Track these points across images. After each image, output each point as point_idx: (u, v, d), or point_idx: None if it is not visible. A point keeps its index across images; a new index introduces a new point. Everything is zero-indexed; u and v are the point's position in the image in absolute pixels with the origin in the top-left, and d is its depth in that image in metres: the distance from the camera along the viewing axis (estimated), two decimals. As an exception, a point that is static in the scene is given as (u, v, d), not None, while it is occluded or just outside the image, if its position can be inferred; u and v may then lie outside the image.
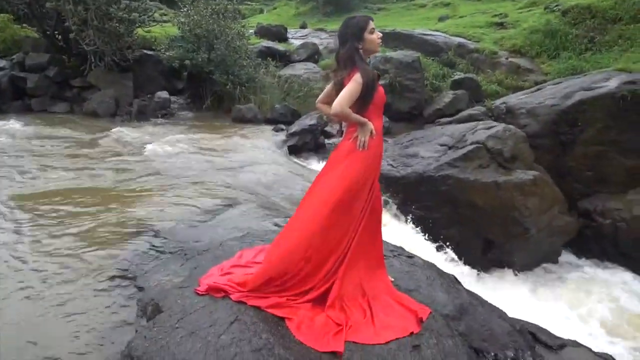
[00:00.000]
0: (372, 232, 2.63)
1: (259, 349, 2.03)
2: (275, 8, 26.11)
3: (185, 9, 10.41)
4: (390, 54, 10.39)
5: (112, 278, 2.76)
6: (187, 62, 10.09)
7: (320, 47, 13.21)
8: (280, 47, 12.98)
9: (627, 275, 5.84)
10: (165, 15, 13.79)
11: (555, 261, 6.22)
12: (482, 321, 3.06)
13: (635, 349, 4.55)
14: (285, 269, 2.40)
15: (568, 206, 6.54)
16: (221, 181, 5.10)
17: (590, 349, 3.33)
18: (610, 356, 3.26)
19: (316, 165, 7.17)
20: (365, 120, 2.43)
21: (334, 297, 2.42)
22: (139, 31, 10.46)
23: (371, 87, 2.39)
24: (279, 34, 14.55)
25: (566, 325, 4.64)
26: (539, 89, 8.01)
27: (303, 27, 17.40)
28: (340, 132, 7.00)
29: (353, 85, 2.34)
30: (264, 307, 2.32)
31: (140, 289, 2.65)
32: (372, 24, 2.46)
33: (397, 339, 2.31)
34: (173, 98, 10.28)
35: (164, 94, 9.88)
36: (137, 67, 10.22)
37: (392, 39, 12.22)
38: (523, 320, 3.46)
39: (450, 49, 11.52)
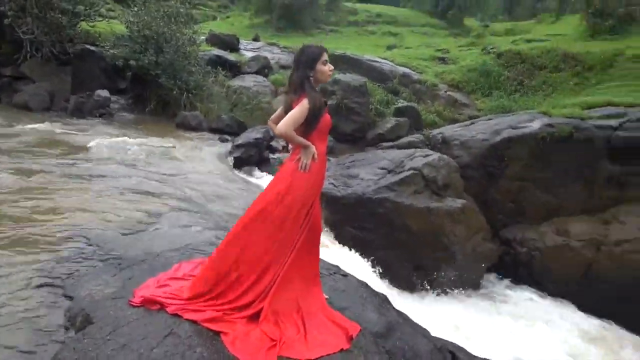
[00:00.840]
0: (310, 250, 2.73)
1: (192, 363, 2.05)
2: (228, 17, 25.99)
3: (135, 9, 10.13)
4: (339, 76, 10.74)
5: (39, 287, 2.64)
6: (132, 62, 9.80)
7: (272, 62, 13.34)
8: (232, 57, 12.96)
9: (536, 296, 6.42)
10: (112, 11, 13.30)
11: (477, 284, 6.67)
12: (407, 340, 3.25)
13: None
14: (215, 278, 2.47)
15: (492, 234, 7.08)
16: (161, 189, 4.99)
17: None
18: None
19: (259, 179, 7.22)
20: (308, 143, 2.54)
21: (267, 312, 2.49)
22: (83, 25, 10.03)
23: (317, 113, 2.53)
24: (231, 44, 14.52)
25: (484, 343, 5.00)
26: (472, 123, 8.62)
27: (256, 39, 17.47)
28: (286, 148, 7.29)
29: (299, 109, 2.47)
30: (199, 321, 2.34)
31: (69, 298, 2.55)
32: (325, 56, 2.61)
33: (328, 354, 2.42)
34: (114, 97, 9.90)
35: (104, 93, 9.50)
36: (77, 62, 9.77)
37: (342, 62, 12.64)
38: (444, 339, 3.70)
39: (395, 78, 12.11)
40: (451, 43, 17.35)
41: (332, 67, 2.64)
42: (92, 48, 10.12)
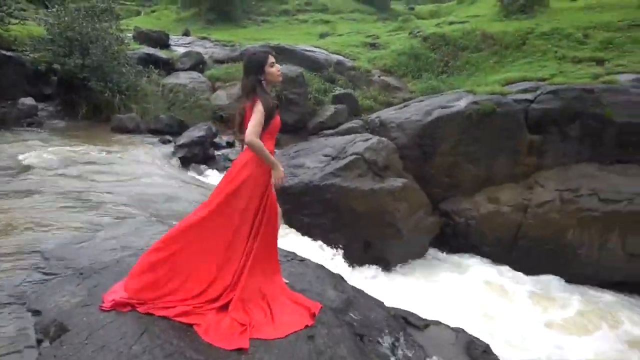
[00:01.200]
0: (269, 242, 2.92)
1: (171, 354, 2.20)
2: (153, 11, 24.95)
3: (54, 9, 9.58)
4: (276, 68, 10.83)
5: (1, 305, 2.63)
6: (56, 66, 9.30)
7: (206, 56, 13.12)
8: (163, 54, 12.60)
9: (474, 260, 7.06)
10: (24, 10, 12.41)
11: (422, 255, 7.20)
12: (364, 311, 3.57)
13: (486, 316, 5.57)
14: (174, 274, 2.60)
15: (432, 208, 7.63)
16: (108, 196, 4.94)
17: (447, 325, 4.06)
18: (462, 329, 4.03)
19: (207, 177, 7.24)
20: (276, 162, 2.72)
21: (236, 301, 2.68)
22: (-5, 29, 9.34)
23: (270, 114, 2.71)
24: (160, 41, 14.07)
25: (432, 307, 5.49)
26: (405, 106, 9.12)
27: (186, 34, 17.01)
28: (230, 144, 7.41)
29: (257, 114, 2.64)
30: (171, 316, 2.48)
31: (37, 312, 2.58)
32: (271, 59, 2.80)
33: (294, 332, 2.66)
34: (40, 105, 9.36)
35: (29, 100, 8.96)
36: (-7, 69, 9.11)
37: (277, 53, 12.49)
38: (396, 308, 4.08)
39: (330, 66, 12.40)
40: (380, 28, 17.89)
41: (279, 67, 2.83)
42: (9, 53, 9.46)
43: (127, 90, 9.64)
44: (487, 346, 3.93)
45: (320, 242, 6.20)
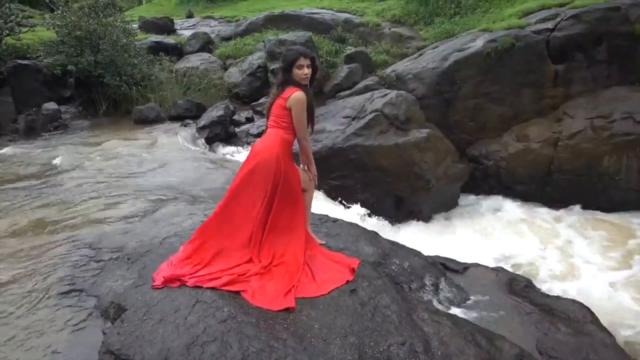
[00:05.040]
0: (292, 213, 3.02)
1: (224, 319, 2.34)
2: (154, -2, 24.72)
3: (59, 11, 9.67)
4: (283, 36, 10.68)
5: (63, 294, 2.83)
6: (71, 67, 9.47)
7: (212, 36, 13.05)
8: (171, 40, 12.60)
9: (508, 201, 6.99)
10: (31, 17, 12.58)
11: (456, 203, 7.17)
12: (402, 262, 3.65)
13: (526, 254, 5.58)
14: (209, 237, 2.89)
15: (459, 155, 7.52)
16: (143, 184, 5.12)
17: (487, 266, 4.10)
18: (502, 268, 4.07)
19: (233, 154, 7.35)
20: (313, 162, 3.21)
21: (275, 265, 2.83)
22: (8, 40, 9.54)
23: (309, 108, 2.99)
24: (166, 27, 14.06)
25: (471, 251, 5.52)
26: (420, 55, 8.88)
27: (190, 16, 16.89)
28: (250, 120, 7.46)
29: (299, 114, 2.93)
30: (219, 286, 2.62)
31: (94, 297, 2.77)
32: (301, 60, 2.92)
33: (337, 287, 2.76)
34: (63, 108, 9.63)
35: (51, 105, 9.22)
36: (13, 79, 9.37)
37: (282, 21, 12.50)
38: (434, 256, 4.14)
39: (338, 25, 12.10)
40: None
41: (306, 72, 2.93)
42: (25, 62, 9.68)
43: (142, 80, 9.75)
44: (529, 281, 3.96)
45: (351, 203, 6.26)
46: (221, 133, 8.03)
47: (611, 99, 6.98)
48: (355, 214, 5.96)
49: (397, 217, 6.52)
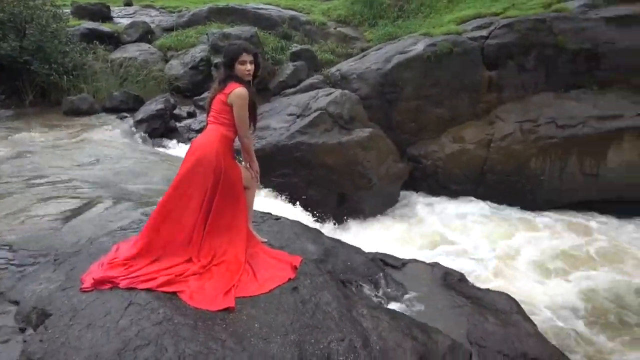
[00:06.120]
0: (233, 211, 2.96)
1: (159, 322, 2.25)
2: (89, -18, 23.21)
3: (-23, -10, 8.82)
4: (228, 29, 10.46)
5: (-23, 300, 2.59)
6: (-8, 53, 8.67)
7: (153, 26, 12.48)
8: (106, 27, 11.91)
9: (444, 199, 7.32)
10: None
11: (396, 201, 7.39)
12: (344, 259, 3.71)
13: (460, 249, 5.88)
14: (151, 237, 2.78)
15: (400, 154, 7.75)
16: (76, 180, 4.80)
17: (423, 262, 4.26)
18: (437, 263, 4.25)
19: (172, 149, 7.10)
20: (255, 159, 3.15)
21: (215, 264, 2.78)
22: None
23: (252, 105, 2.94)
24: (101, 13, 13.26)
25: (410, 247, 5.74)
26: (365, 55, 9.04)
27: (128, 4, 16.03)
28: (192, 114, 7.26)
29: (241, 111, 2.86)
30: (154, 287, 2.52)
31: (15, 303, 2.56)
32: (244, 57, 2.85)
33: (279, 286, 2.75)
34: (-18, 96, 8.79)
35: (-32, 92, 8.40)
36: None
37: (227, 14, 12.23)
38: (375, 252, 4.23)
39: (284, 22, 12.03)
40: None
41: (249, 68, 2.88)
42: (-64, 44, 8.74)
43: (74, 69, 9.13)
44: (462, 275, 4.16)
45: (295, 201, 6.26)
46: (160, 127, 7.71)
47: (538, 105, 7.51)
48: (298, 211, 5.97)
49: (340, 214, 6.61)
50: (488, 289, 4.11)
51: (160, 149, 7.11)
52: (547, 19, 7.85)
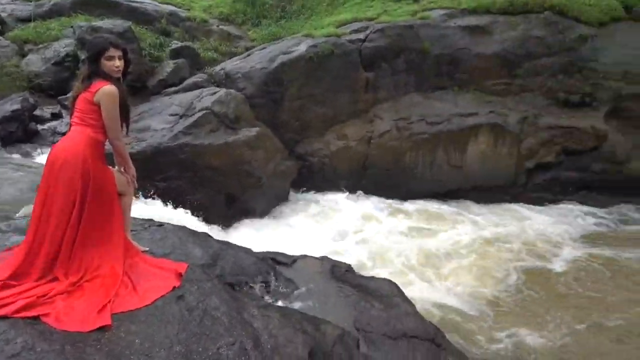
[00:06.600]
0: (107, 220, 2.73)
1: (16, 353, 1.98)
2: None
3: None
4: (98, 22, 9.55)
5: None
6: None
7: (4, 15, 10.88)
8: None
9: (331, 194, 7.63)
10: None
11: (286, 199, 7.50)
12: (233, 261, 3.66)
13: (349, 240, 6.18)
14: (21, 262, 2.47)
15: (288, 153, 7.88)
16: None
17: (312, 256, 4.39)
18: (326, 257, 4.41)
19: (33, 156, 6.29)
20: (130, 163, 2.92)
21: (87, 279, 2.54)
22: None
23: (123, 105, 2.76)
24: None
25: (301, 244, 5.86)
26: (249, 55, 8.99)
27: (-32, -13, 13.72)
28: (56, 115, 6.54)
29: (110, 112, 2.65)
30: (10, 313, 2.21)
31: None
32: (111, 52, 2.62)
33: (162, 296, 2.60)
34: None
35: None
36: None
37: (97, 7, 11.15)
38: (265, 252, 4.25)
39: (162, 17, 11.37)
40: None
41: (118, 65, 2.66)
42: None
43: None
44: (349, 266, 4.38)
45: (180, 205, 5.98)
46: (18, 131, 6.78)
47: (409, 104, 8.22)
48: (184, 216, 5.72)
49: (230, 215, 6.51)
50: (372, 277, 4.39)
51: (17, 156, 6.25)
52: (414, 26, 8.61)
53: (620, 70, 8.14)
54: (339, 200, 7.48)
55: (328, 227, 6.59)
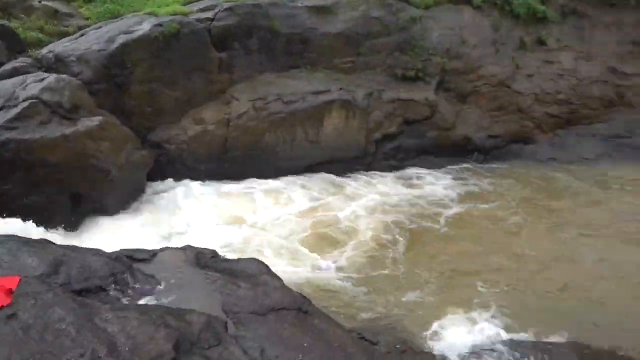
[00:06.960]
0: None
1: None
2: None
3: None
4: None
5: None
6: None
7: None
8: None
9: (195, 183, 7.36)
10: None
11: (143, 191, 7.01)
12: (80, 265, 3.33)
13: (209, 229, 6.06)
14: None
15: (140, 141, 7.31)
16: None
17: (175, 247, 4.24)
18: (189, 245, 4.29)
19: None
20: None
21: None
22: None
23: None
24: None
25: (163, 235, 5.59)
26: (82, 35, 7.99)
27: None
28: None
29: None
30: None
31: None
32: None
33: (-14, 318, 2.27)
34: None
35: None
36: None
37: None
38: (119, 250, 3.95)
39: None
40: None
41: None
42: None
43: None
44: (214, 251, 4.33)
45: (12, 211, 5.19)
46: None
47: (265, 84, 8.25)
48: (17, 223, 4.98)
49: (77, 216, 5.87)
50: (239, 259, 4.41)
51: None
52: (263, 5, 8.57)
53: (443, 48, 9.32)
54: (201, 186, 7.26)
55: (190, 215, 6.38)
